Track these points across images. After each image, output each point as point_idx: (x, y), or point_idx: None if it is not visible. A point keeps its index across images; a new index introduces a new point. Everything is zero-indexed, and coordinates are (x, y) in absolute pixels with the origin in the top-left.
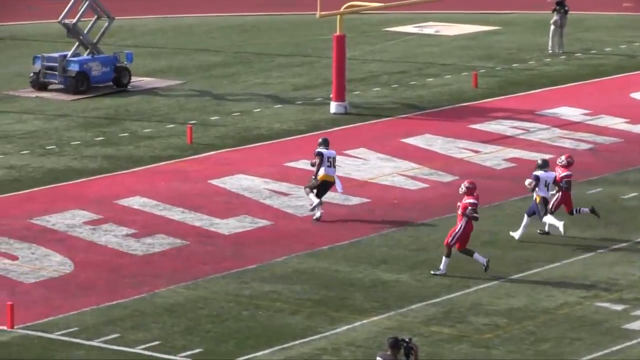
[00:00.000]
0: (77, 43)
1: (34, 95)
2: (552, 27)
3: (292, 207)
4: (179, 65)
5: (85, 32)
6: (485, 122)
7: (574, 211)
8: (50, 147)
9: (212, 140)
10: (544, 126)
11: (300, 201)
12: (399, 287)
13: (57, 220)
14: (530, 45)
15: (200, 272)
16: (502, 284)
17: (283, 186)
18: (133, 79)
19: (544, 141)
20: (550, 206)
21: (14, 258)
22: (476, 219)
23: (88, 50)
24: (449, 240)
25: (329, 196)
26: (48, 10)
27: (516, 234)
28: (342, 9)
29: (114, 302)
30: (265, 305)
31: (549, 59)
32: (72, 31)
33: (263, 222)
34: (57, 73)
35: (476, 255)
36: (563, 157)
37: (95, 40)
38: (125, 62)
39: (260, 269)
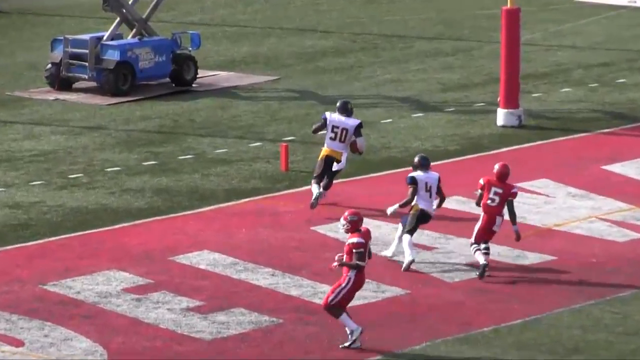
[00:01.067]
0: (117, 19)
1: (52, 98)
2: None
3: (437, 269)
4: (269, 52)
5: (130, 3)
6: None
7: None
8: (76, 175)
9: None
10: None
11: (451, 259)
12: None
13: (84, 286)
14: None
15: None
16: None
17: (424, 236)
18: (201, 73)
19: None
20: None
21: (18, 343)
22: (359, 267)
23: (134, 31)
24: (330, 299)
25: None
26: None
27: (389, 252)
28: None
29: None
30: None
31: None
32: (111, 2)
33: (394, 291)
34: (87, 64)
35: (344, 317)
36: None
37: (145, 16)
38: (190, 49)
39: None
